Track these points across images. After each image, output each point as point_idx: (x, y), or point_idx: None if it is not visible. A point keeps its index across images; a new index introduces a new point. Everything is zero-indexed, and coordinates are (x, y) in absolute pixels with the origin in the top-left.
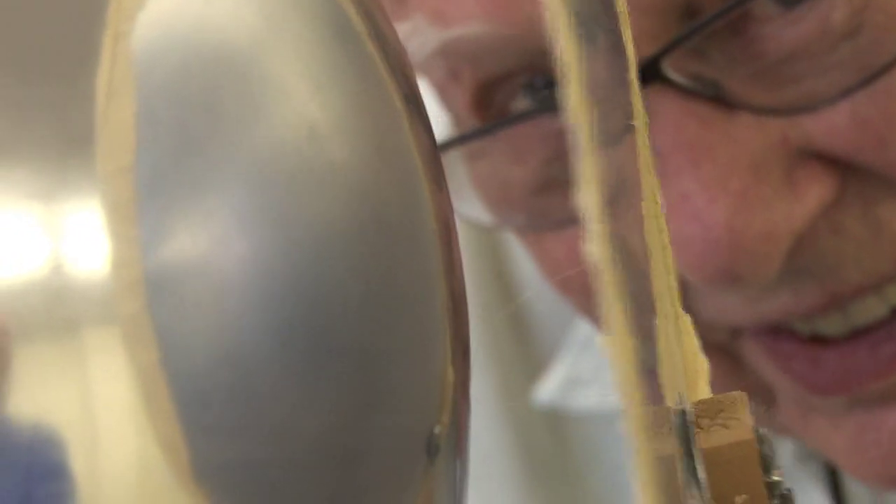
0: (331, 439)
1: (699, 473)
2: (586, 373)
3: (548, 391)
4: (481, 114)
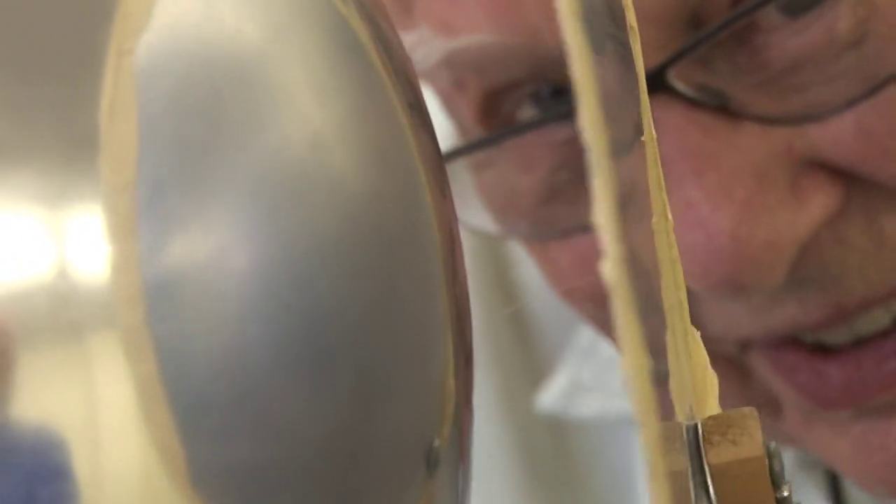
0: (328, 449)
1: (709, 489)
2: (588, 380)
3: (550, 398)
4: (487, 123)
